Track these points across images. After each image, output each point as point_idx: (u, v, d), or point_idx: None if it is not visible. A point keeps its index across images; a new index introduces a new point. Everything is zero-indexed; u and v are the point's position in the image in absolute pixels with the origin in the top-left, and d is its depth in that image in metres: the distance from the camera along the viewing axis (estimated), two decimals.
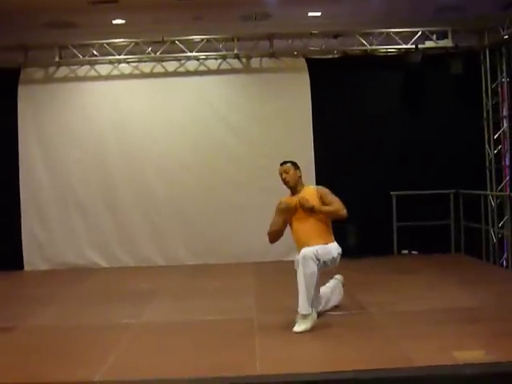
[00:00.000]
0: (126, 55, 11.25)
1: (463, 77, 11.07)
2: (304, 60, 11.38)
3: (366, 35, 11.21)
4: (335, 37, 11.14)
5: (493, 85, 11.41)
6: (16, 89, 11.23)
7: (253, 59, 11.48)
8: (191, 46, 11.22)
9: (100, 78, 11.43)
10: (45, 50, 11.13)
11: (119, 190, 11.31)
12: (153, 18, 10.46)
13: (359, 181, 11.07)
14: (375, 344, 5.90)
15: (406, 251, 11.40)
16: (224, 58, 11.45)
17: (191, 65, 11.45)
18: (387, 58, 11.40)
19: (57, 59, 11.15)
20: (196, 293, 8.82)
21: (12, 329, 6.91)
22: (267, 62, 11.46)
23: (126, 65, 11.43)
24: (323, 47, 11.38)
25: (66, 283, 9.88)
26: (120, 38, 11.11)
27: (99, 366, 5.42)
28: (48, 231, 11.27)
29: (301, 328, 6.41)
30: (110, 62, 11.38)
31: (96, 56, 11.24)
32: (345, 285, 7.57)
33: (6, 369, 5.49)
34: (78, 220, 11.31)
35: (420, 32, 11.15)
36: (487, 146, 11.49)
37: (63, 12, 9.96)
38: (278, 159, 11.00)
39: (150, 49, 11.23)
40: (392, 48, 11.34)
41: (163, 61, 11.39)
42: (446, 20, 10.82)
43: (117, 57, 11.25)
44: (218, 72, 11.52)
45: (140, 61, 11.41)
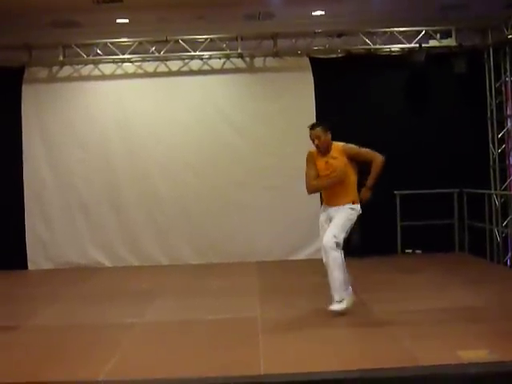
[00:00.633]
0: (130, 54, 11.26)
1: (467, 76, 11.07)
2: (308, 59, 11.37)
3: (370, 34, 11.20)
4: (339, 36, 11.14)
5: (497, 84, 11.40)
6: (20, 88, 11.24)
7: (256, 58, 11.48)
8: (195, 46, 11.22)
9: (104, 78, 11.44)
10: (49, 50, 11.15)
11: (123, 190, 11.32)
12: (157, 18, 10.47)
13: (363, 180, 11.02)
14: (380, 343, 5.89)
15: (410, 250, 11.38)
16: (228, 58, 11.45)
17: (195, 64, 11.45)
18: (391, 58, 11.39)
19: (61, 58, 11.16)
20: (199, 292, 8.83)
21: (15, 328, 6.92)
22: (271, 62, 11.45)
23: (130, 64, 11.44)
24: (327, 46, 11.37)
25: (70, 282, 9.90)
26: (124, 38, 11.12)
27: (103, 366, 5.42)
28: (51, 230, 11.28)
29: (336, 307, 6.79)
30: (114, 62, 11.39)
31: (100, 55, 11.25)
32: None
33: (9, 367, 5.50)
34: (82, 219, 11.32)
35: (424, 31, 11.14)
36: (491, 145, 11.47)
37: (67, 11, 9.97)
38: (282, 158, 11.21)
39: (154, 48, 11.24)
40: (396, 47, 11.33)
41: (167, 60, 11.39)
42: (450, 19, 10.81)
43: (120, 56, 11.26)
44: (222, 71, 11.52)
45: (144, 60, 11.41)
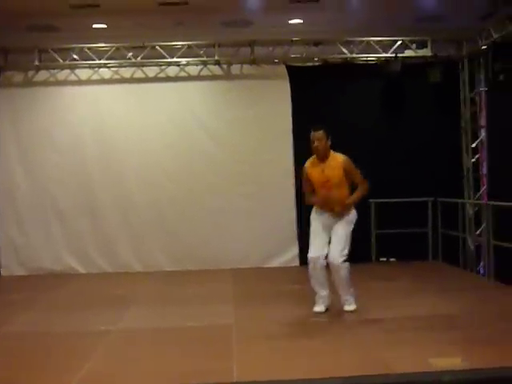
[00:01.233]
0: (107, 60, 11.21)
1: (442, 86, 11.18)
2: (284, 67, 11.42)
3: (347, 43, 11.28)
4: (316, 44, 11.19)
5: (471, 94, 11.53)
6: None
7: (233, 66, 11.49)
8: (172, 52, 11.21)
9: (80, 83, 11.38)
10: (25, 54, 11.07)
11: (98, 195, 11.25)
12: (134, 23, 10.42)
13: None
14: (353, 351, 5.92)
15: (385, 258, 11.44)
16: (205, 64, 11.45)
17: (172, 70, 11.45)
18: (367, 67, 11.47)
19: (36, 63, 11.09)
20: (174, 299, 8.80)
21: None
22: (248, 69, 11.47)
23: (107, 69, 11.39)
24: (304, 55, 11.42)
25: (43, 289, 9.80)
26: (100, 43, 11.07)
27: (75, 373, 5.38)
28: (25, 236, 11.18)
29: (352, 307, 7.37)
30: (91, 67, 11.33)
31: (76, 60, 11.20)
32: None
33: None
34: (56, 224, 11.23)
35: (400, 41, 11.25)
36: (465, 155, 11.59)
37: (44, 15, 9.88)
38: (258, 166, 11.25)
39: (131, 54, 11.22)
40: (372, 56, 11.42)
41: (144, 66, 11.37)
42: (426, 30, 10.91)
43: (97, 61, 11.21)
44: (199, 78, 11.52)
45: (120, 66, 11.37)
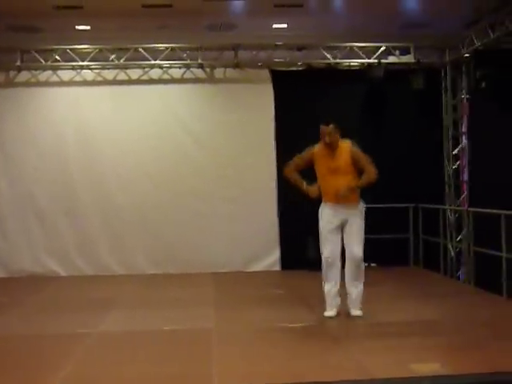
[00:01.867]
0: (89, 61, 11.15)
1: (424, 92, 11.23)
2: (268, 71, 11.43)
3: (330, 49, 11.32)
4: (299, 49, 11.21)
5: (453, 101, 11.59)
6: None
7: (217, 69, 11.48)
8: (155, 54, 11.17)
9: (62, 84, 11.32)
10: (6, 54, 10.97)
11: (79, 197, 11.18)
12: (117, 25, 10.37)
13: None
14: (334, 356, 5.91)
15: (366, 264, 11.40)
16: (188, 67, 11.43)
17: (155, 73, 11.42)
18: (350, 72, 11.50)
19: (18, 63, 11.01)
20: (155, 302, 8.77)
21: None
22: (231, 73, 11.46)
23: (89, 71, 11.33)
24: (287, 59, 11.45)
25: (24, 292, 9.73)
26: (83, 44, 11.01)
27: (54, 376, 5.33)
28: (6, 238, 11.09)
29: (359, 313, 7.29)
30: (73, 68, 11.26)
31: (58, 61, 11.12)
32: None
33: None
34: (37, 226, 11.14)
35: (383, 47, 11.30)
36: (446, 161, 11.65)
37: (27, 16, 9.81)
38: (241, 169, 11.25)
39: (114, 56, 11.16)
40: (355, 62, 11.46)
41: (127, 68, 11.33)
42: (409, 36, 10.97)
43: (80, 63, 11.14)
44: (182, 81, 11.50)
45: (103, 68, 11.32)
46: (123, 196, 11.22)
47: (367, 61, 11.34)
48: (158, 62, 11.22)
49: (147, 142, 11.27)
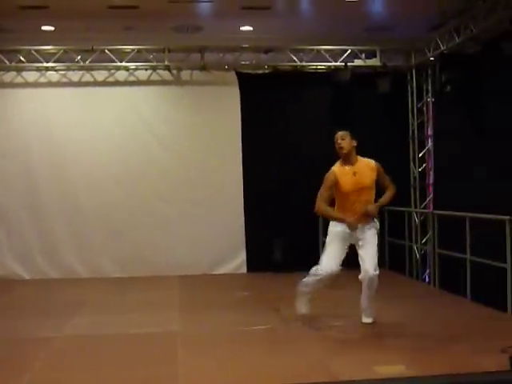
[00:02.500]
0: (55, 63, 11.03)
1: (390, 96, 11.29)
2: (235, 74, 11.43)
3: (297, 51, 11.33)
4: (266, 52, 11.23)
5: (418, 104, 11.70)
6: None
7: (183, 71, 11.44)
8: (121, 56, 11.09)
9: (27, 85, 11.17)
10: None
11: (43, 200, 11.05)
12: (83, 26, 10.27)
13: (287, 195, 11.16)
14: (298, 359, 5.91)
15: None
16: (154, 69, 11.38)
17: (121, 75, 11.34)
18: (316, 75, 11.54)
19: None
20: (120, 306, 8.70)
21: None
22: (198, 75, 11.43)
23: (54, 72, 11.21)
24: (254, 62, 11.45)
25: None
26: (48, 45, 10.89)
27: (17, 382, 5.26)
28: None
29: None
30: (38, 69, 11.13)
31: (23, 62, 10.99)
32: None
33: None
34: (0, 228, 10.99)
35: (349, 50, 11.34)
36: (412, 164, 11.75)
37: None
38: (207, 172, 11.23)
39: (79, 57, 11.05)
40: (321, 65, 11.49)
41: (92, 70, 11.24)
42: (375, 40, 11.02)
43: (45, 64, 11.01)
44: (148, 83, 11.44)
45: (68, 69, 11.21)
46: (88, 197, 11.12)
47: (333, 64, 11.39)
48: (124, 64, 11.15)
49: (112, 144, 11.20)
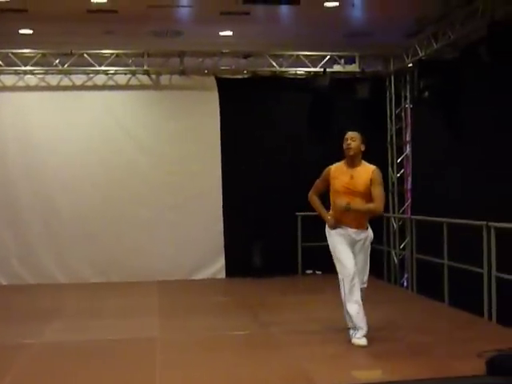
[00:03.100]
0: (33, 66, 10.96)
1: (369, 101, 11.35)
2: (214, 79, 11.42)
3: (276, 57, 11.37)
4: (245, 57, 11.24)
5: (397, 110, 11.77)
6: None
7: (162, 76, 11.42)
8: (100, 60, 11.05)
9: (4, 89, 11.09)
10: None
11: (20, 204, 10.94)
12: (62, 30, 10.22)
13: (266, 200, 11.17)
14: (277, 364, 5.91)
15: (311, 271, 11.52)
16: (133, 74, 11.35)
17: (99, 79, 11.29)
18: (296, 81, 11.58)
19: None
20: (99, 312, 8.66)
21: None
22: (177, 80, 11.41)
23: (32, 76, 11.14)
24: (233, 67, 11.47)
25: None
26: (27, 49, 10.82)
27: None
28: None
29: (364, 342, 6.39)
30: (16, 73, 11.05)
31: (1, 66, 10.91)
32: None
33: None
34: None
35: (328, 56, 11.39)
36: (390, 170, 11.80)
37: None
38: (186, 177, 11.20)
39: (58, 61, 10.99)
40: (301, 70, 11.54)
41: (71, 74, 11.18)
42: (354, 46, 11.08)
43: (23, 68, 10.95)
44: (127, 87, 11.40)
45: (47, 73, 11.14)
46: (65, 202, 11.04)
47: (313, 69, 11.44)
48: (103, 68, 11.11)
49: (90, 148, 11.13)
